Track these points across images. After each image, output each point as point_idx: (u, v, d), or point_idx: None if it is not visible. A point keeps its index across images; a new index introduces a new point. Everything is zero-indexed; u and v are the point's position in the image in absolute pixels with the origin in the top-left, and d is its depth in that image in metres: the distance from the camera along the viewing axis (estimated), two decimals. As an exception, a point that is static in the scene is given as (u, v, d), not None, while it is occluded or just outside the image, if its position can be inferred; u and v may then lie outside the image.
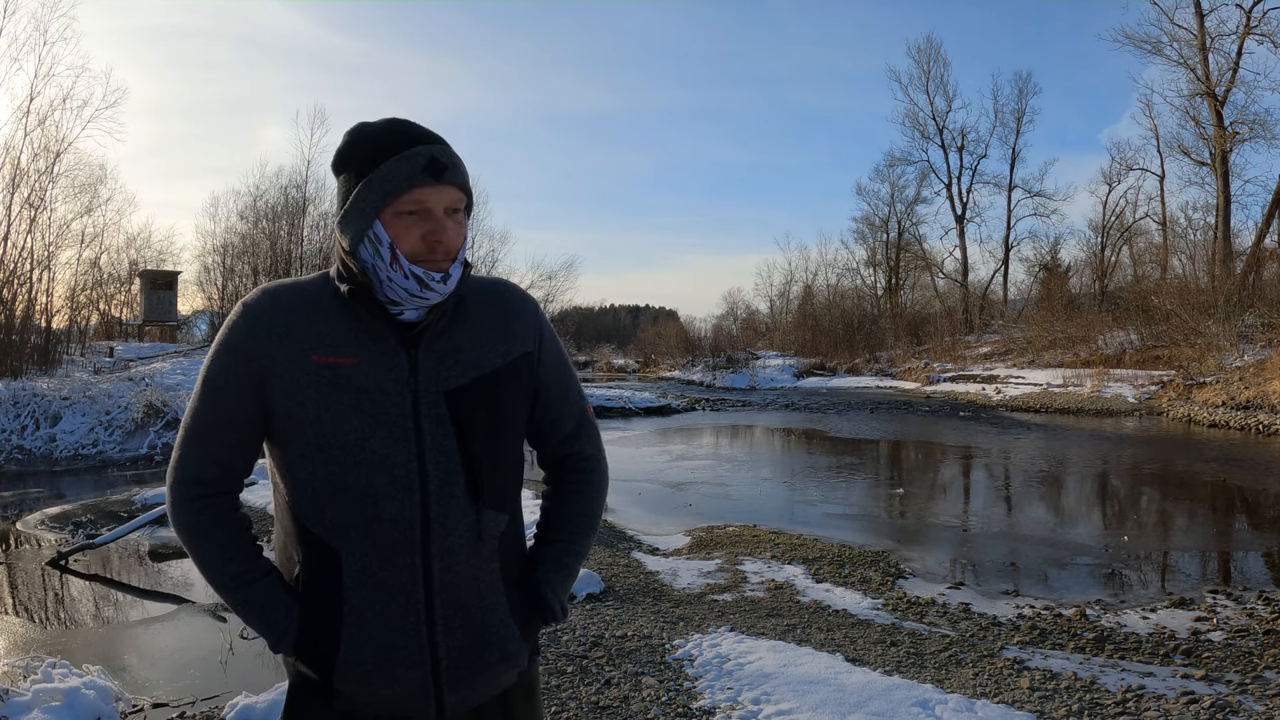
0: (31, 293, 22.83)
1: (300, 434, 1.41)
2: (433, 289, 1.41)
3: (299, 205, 31.99)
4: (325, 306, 1.45)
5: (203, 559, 1.46)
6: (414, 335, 1.43)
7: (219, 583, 1.46)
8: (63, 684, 4.16)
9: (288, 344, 1.41)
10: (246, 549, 1.47)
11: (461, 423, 1.43)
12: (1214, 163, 31.55)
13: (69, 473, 14.47)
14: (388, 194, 1.39)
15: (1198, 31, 30.54)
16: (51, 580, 7.50)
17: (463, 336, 1.48)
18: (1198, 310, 25.86)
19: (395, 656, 1.42)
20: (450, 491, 1.42)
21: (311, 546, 1.43)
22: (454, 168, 1.43)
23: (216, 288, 33.21)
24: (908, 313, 43.66)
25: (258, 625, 1.46)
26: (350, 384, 1.39)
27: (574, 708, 4.00)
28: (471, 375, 1.46)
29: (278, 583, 1.47)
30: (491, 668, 1.48)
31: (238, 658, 5.31)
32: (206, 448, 1.45)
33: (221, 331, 1.47)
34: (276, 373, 1.40)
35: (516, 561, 1.55)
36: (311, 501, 1.42)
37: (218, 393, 1.44)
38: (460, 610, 1.44)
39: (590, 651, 4.76)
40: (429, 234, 1.40)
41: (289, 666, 1.52)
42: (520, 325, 1.55)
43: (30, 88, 23.25)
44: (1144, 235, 38.24)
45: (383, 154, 1.41)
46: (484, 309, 1.52)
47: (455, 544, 1.43)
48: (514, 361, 1.52)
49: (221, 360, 1.44)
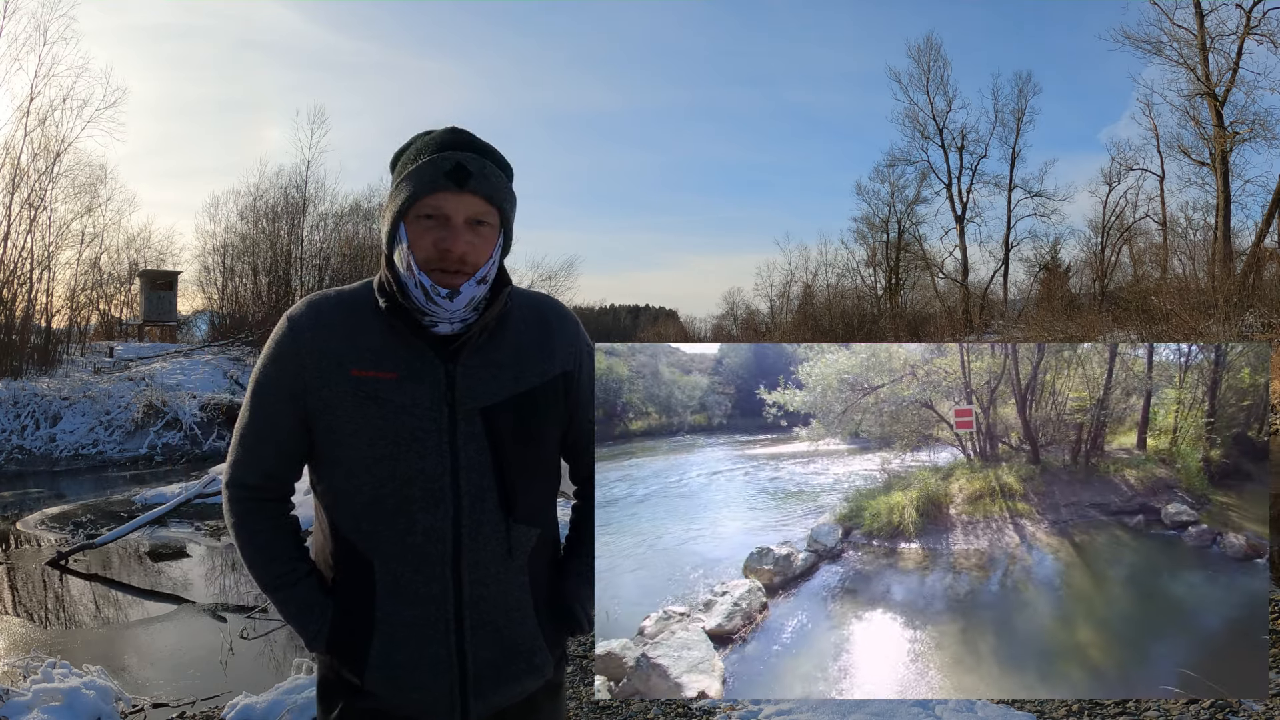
0: (31, 293, 22.86)
1: (338, 445, 1.43)
2: (438, 304, 1.40)
3: (299, 205, 32.00)
4: (366, 319, 1.46)
5: (248, 557, 1.51)
6: (452, 350, 1.43)
7: (262, 580, 1.50)
8: (63, 684, 4.16)
9: (328, 358, 1.43)
10: (290, 551, 1.51)
11: (496, 439, 1.44)
12: (1214, 163, 31.56)
13: (69, 473, 14.48)
14: (411, 196, 1.40)
15: (1198, 31, 30.54)
16: (51, 580, 7.50)
17: (501, 353, 1.48)
18: (1198, 310, 25.85)
19: (423, 665, 1.43)
20: (482, 506, 1.43)
21: (346, 554, 1.46)
22: (482, 177, 1.41)
23: (216, 288, 33.20)
24: (908, 313, 43.64)
25: (294, 623, 1.49)
26: (388, 398, 1.41)
27: (574, 708, 4.00)
28: (508, 393, 1.46)
29: (316, 585, 1.50)
30: (518, 678, 1.50)
31: (238, 658, 5.31)
32: (254, 457, 1.49)
33: (269, 343, 1.50)
34: (317, 385, 1.43)
35: (546, 575, 1.56)
36: (347, 511, 1.45)
37: (263, 405, 1.48)
38: (489, 622, 1.46)
39: (590, 651, 4.76)
40: (440, 240, 1.40)
41: (320, 663, 1.54)
42: (561, 345, 1.55)
43: (30, 88, 23.25)
44: (1144, 235, 38.22)
45: (417, 157, 1.42)
46: (524, 325, 1.52)
47: (486, 557, 1.44)
48: (552, 380, 1.52)
49: (267, 372, 1.48)
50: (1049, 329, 32.15)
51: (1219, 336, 24.01)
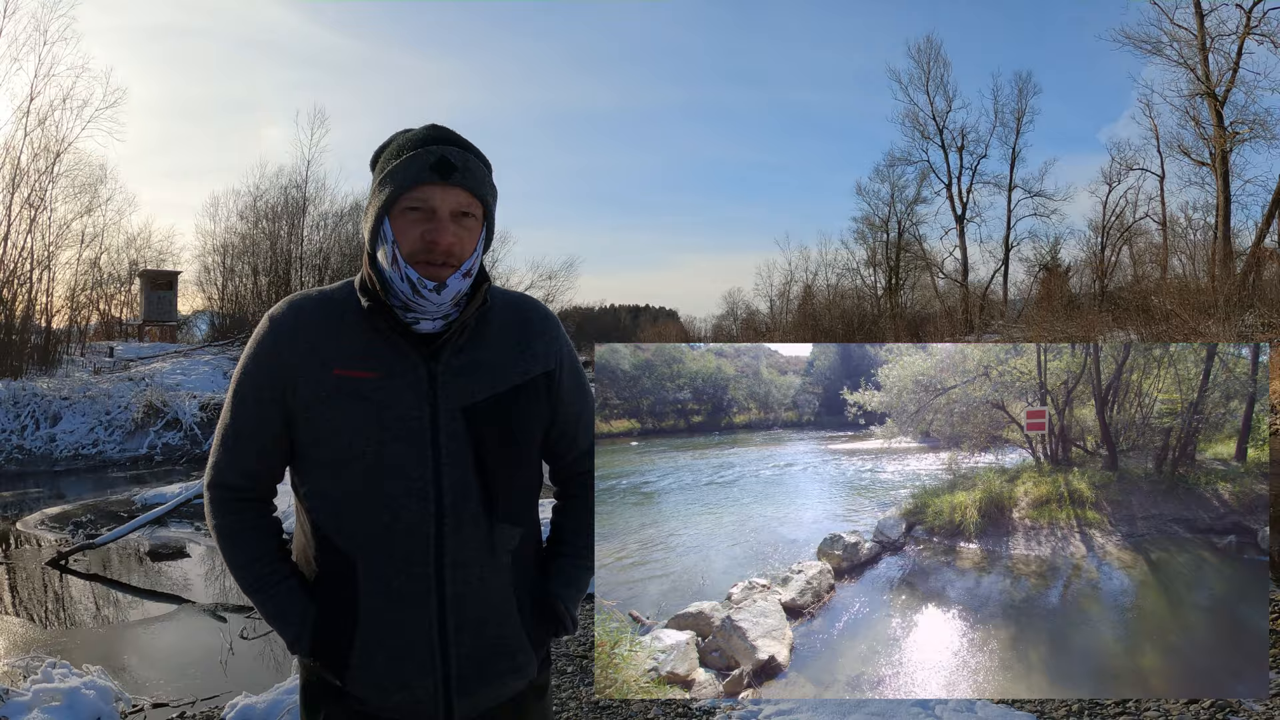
0: (31, 293, 22.87)
1: (321, 444, 1.43)
2: (425, 298, 1.41)
3: (299, 205, 32.01)
4: (348, 319, 1.46)
5: (230, 559, 1.50)
6: (433, 349, 1.44)
7: (243, 582, 1.50)
8: (63, 684, 4.16)
9: (311, 357, 1.43)
10: (272, 553, 1.50)
11: (478, 437, 1.44)
12: (1214, 163, 31.53)
13: (69, 473, 14.48)
14: (395, 190, 1.41)
15: (1198, 31, 30.52)
16: (51, 580, 7.50)
17: (482, 353, 1.48)
18: (1198, 310, 25.83)
19: (407, 664, 1.43)
20: (465, 504, 1.43)
21: (328, 554, 1.45)
22: (466, 171, 1.42)
23: (216, 288, 33.22)
24: (908, 313, 43.61)
25: (276, 625, 1.49)
26: (371, 397, 1.41)
27: (574, 708, 4.00)
28: (489, 392, 1.47)
29: (298, 587, 1.49)
30: (501, 677, 1.50)
31: (238, 658, 5.31)
32: (236, 456, 1.49)
33: (249, 344, 1.50)
34: (300, 384, 1.43)
35: (529, 574, 1.56)
36: (330, 511, 1.45)
37: (245, 405, 1.47)
38: (472, 620, 1.46)
39: (590, 651, 4.76)
40: (427, 232, 1.40)
41: (303, 667, 1.53)
42: (542, 345, 1.55)
43: (30, 88, 23.27)
44: (1144, 235, 38.19)
45: (400, 152, 1.43)
46: (505, 326, 1.53)
47: (468, 555, 1.44)
48: (533, 380, 1.52)
49: (249, 371, 1.47)
50: (1049, 329, 32.15)
51: (1219, 337, 24.01)
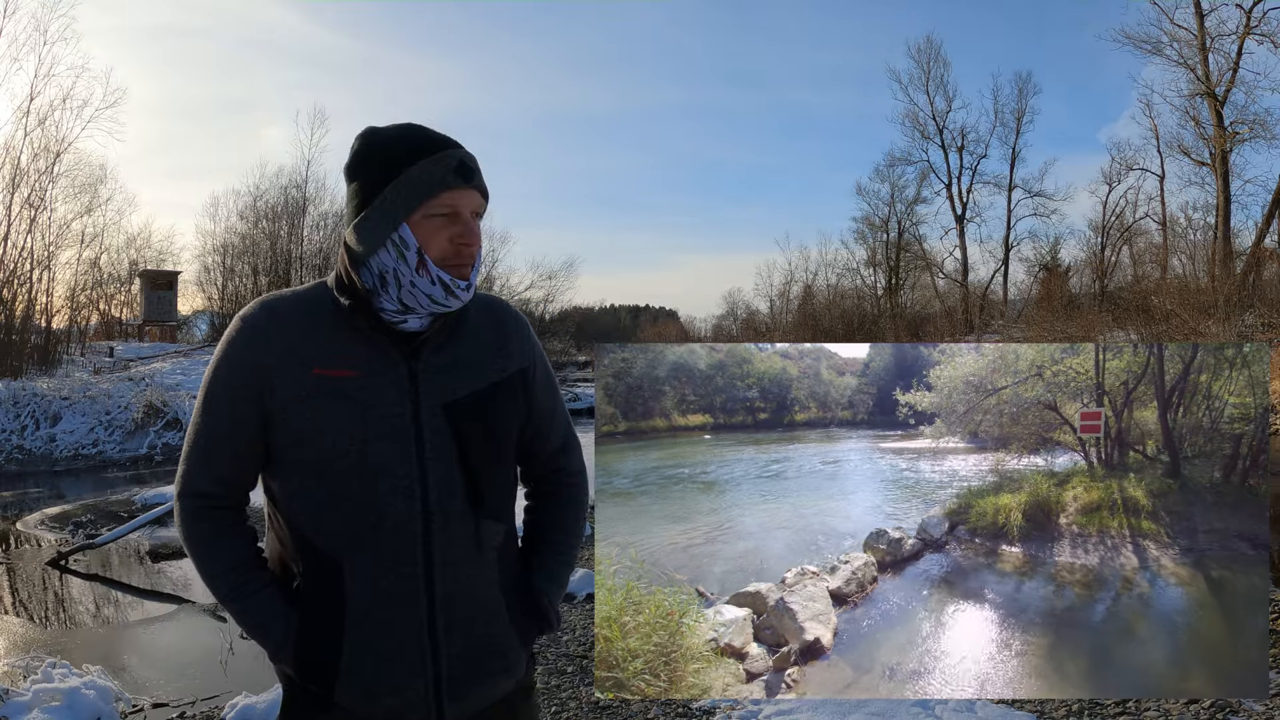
0: (31, 293, 22.89)
1: (302, 445, 1.41)
2: (456, 295, 1.42)
3: (299, 205, 32.04)
4: (324, 318, 1.44)
5: (206, 569, 1.47)
6: (413, 347, 1.44)
7: (220, 592, 1.47)
8: (63, 684, 4.16)
9: (288, 357, 1.41)
10: (248, 561, 1.48)
11: (460, 434, 1.44)
12: (1214, 163, 31.53)
13: (69, 473, 14.48)
14: (420, 196, 1.40)
15: (1198, 31, 30.51)
16: (51, 580, 7.50)
17: (461, 351, 1.49)
18: (1198, 310, 25.84)
19: (397, 666, 1.42)
20: (451, 500, 1.43)
21: (312, 558, 1.43)
22: (479, 172, 1.45)
23: (216, 288, 33.25)
24: (908, 313, 43.61)
25: (257, 635, 1.46)
26: (354, 396, 1.40)
27: (574, 708, 4.00)
28: (469, 389, 1.47)
29: (278, 594, 1.46)
30: (493, 677, 1.49)
31: (238, 658, 5.31)
32: (209, 462, 1.46)
33: (220, 346, 1.46)
34: (277, 386, 1.40)
35: (513, 570, 1.56)
36: (312, 511, 1.42)
37: (218, 408, 1.44)
38: (461, 620, 1.45)
39: (590, 651, 4.76)
40: (457, 236, 1.41)
41: (284, 679, 1.50)
42: (516, 344, 1.57)
43: (30, 88, 23.32)
44: (1144, 235, 38.18)
45: (413, 156, 1.41)
46: (480, 325, 1.54)
47: (456, 553, 1.44)
48: (510, 378, 1.53)
49: (221, 375, 1.44)
50: (1049, 329, 32.14)
51: (1219, 337, 24.02)
